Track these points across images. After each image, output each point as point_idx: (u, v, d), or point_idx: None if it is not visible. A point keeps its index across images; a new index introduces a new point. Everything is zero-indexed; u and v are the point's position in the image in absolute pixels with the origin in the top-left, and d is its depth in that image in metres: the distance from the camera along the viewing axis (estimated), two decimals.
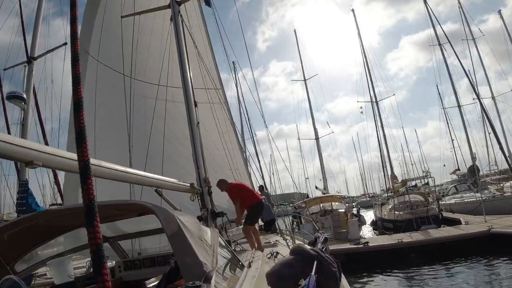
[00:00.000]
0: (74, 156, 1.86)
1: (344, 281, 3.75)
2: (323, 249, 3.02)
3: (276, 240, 6.11)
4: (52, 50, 8.33)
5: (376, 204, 24.72)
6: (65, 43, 8.27)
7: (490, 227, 10.80)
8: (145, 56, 7.70)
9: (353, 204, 30.27)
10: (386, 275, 9.60)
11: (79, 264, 6.46)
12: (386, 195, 25.51)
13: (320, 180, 29.07)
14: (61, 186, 8.58)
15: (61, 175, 9.20)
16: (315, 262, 2.11)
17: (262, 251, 4.91)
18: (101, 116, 6.54)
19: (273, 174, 41.45)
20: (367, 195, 55.56)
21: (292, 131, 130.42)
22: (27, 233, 2.94)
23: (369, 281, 9.47)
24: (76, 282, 3.75)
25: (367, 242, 11.44)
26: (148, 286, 3.14)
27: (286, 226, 6.12)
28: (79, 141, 1.03)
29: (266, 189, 9.89)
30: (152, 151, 6.29)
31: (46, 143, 9.02)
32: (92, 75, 6.72)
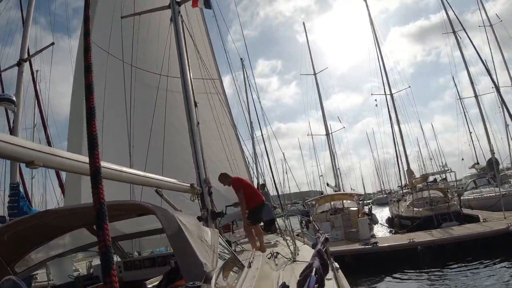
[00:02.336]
0: (74, 156, 2.08)
1: (344, 281, 3.94)
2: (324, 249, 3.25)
3: (277, 241, 6.35)
4: (41, 50, 8.78)
5: (392, 201, 24.73)
6: (53, 43, 8.74)
7: (509, 224, 10.79)
8: (145, 47, 8.05)
9: (366, 202, 30.35)
10: (395, 278, 9.69)
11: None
12: (401, 191, 25.46)
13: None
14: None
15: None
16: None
17: (264, 252, 5.15)
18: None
19: (286, 172, 41.87)
20: (383, 192, 55.55)
21: (289, 130, 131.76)
22: (28, 233, 3.12)
23: (378, 284, 9.56)
24: (76, 283, 4.00)
25: (376, 242, 11.52)
26: (149, 286, 3.35)
27: (286, 226, 6.34)
28: (91, 147, 1.17)
29: (273, 188, 10.17)
30: (153, 143, 6.57)
31: (50, 146, 9.45)
32: (97, 63, 7.13)
